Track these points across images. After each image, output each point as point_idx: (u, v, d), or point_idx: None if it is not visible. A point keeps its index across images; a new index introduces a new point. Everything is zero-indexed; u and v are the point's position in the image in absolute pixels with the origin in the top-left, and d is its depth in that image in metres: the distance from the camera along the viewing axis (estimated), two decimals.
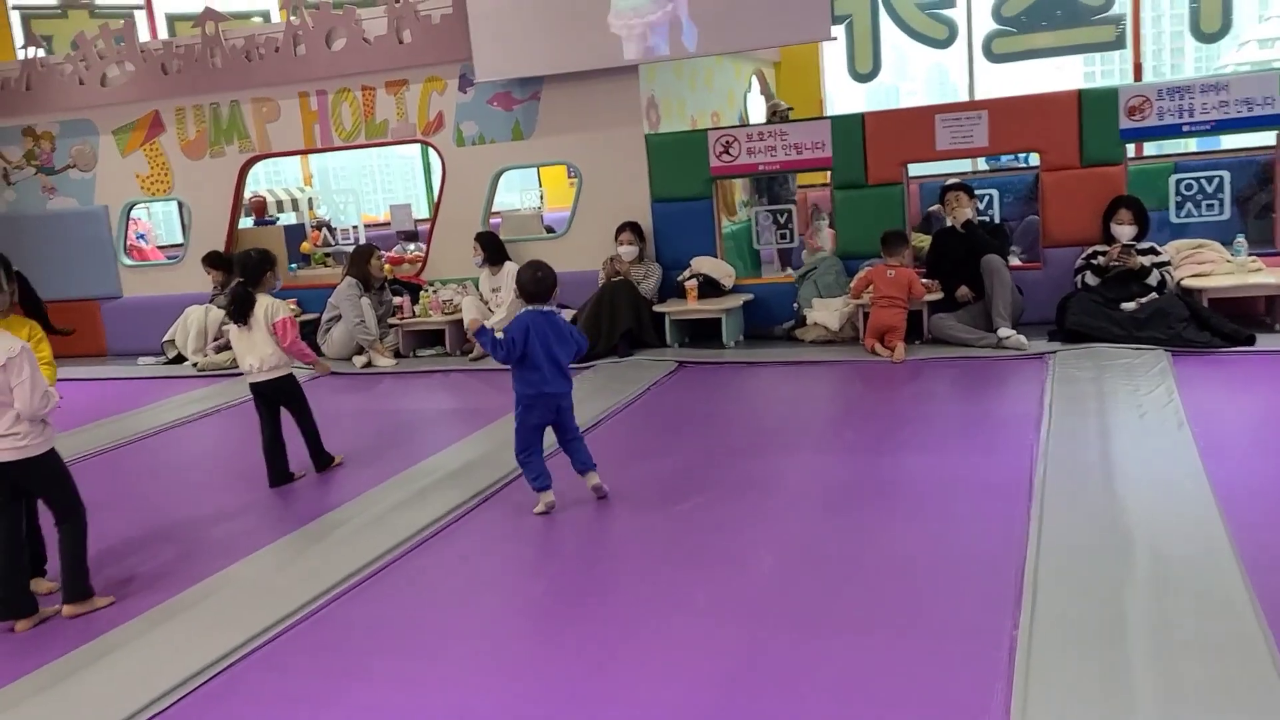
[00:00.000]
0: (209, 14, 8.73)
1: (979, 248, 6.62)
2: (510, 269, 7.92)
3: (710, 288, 7.43)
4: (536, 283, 4.28)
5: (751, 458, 4.82)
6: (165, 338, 8.80)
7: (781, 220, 7.88)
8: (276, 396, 5.08)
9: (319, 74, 8.50)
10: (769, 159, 7.44)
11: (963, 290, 6.71)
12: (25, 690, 3.10)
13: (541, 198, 12.21)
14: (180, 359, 8.65)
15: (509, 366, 4.26)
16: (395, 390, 7.19)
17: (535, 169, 12.47)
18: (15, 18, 11.10)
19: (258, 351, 4.97)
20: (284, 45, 8.50)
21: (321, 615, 3.47)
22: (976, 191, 7.38)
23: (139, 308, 9.40)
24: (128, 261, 9.69)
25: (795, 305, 7.39)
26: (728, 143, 7.51)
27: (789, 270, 8.03)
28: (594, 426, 5.51)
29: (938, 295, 6.78)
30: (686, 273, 7.53)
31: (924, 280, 6.82)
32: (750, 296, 7.53)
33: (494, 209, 8.82)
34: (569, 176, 12.13)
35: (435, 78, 8.28)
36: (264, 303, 4.96)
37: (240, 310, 4.95)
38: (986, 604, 3.07)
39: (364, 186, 15.93)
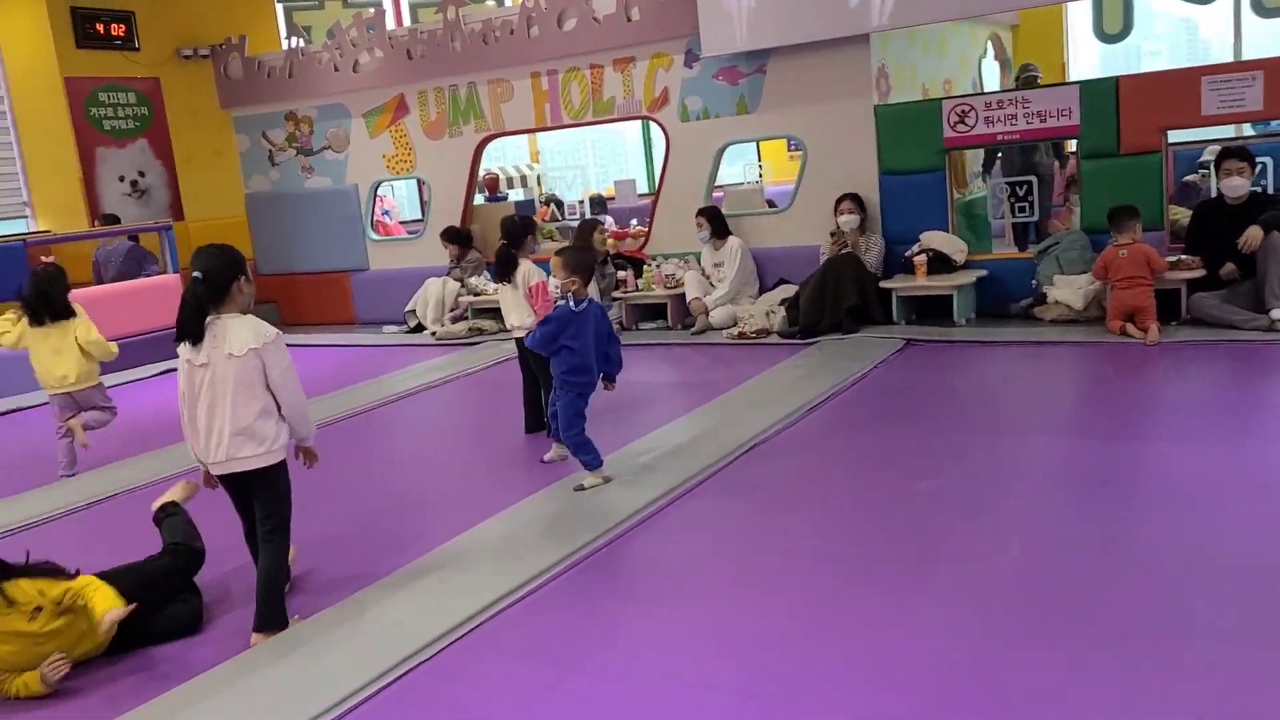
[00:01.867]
0: None
1: (1260, 221, 6.00)
2: (734, 244, 7.91)
3: (940, 263, 7.15)
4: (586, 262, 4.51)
5: (990, 441, 4.60)
6: (407, 308, 9.34)
7: (1020, 192, 7.46)
8: (529, 353, 5.31)
9: (550, 54, 8.75)
10: (1008, 128, 7.06)
11: (1229, 267, 6.14)
12: (286, 644, 3.26)
13: (761, 172, 12.13)
14: (420, 328, 9.17)
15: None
16: None
17: (754, 143, 12.42)
18: (279, 10, 12.01)
19: (517, 310, 5.29)
20: (519, 28, 8.79)
21: (565, 577, 3.60)
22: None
23: (383, 279, 10.02)
24: (374, 236, 10.34)
25: (1034, 282, 6.99)
26: (963, 112, 7.18)
27: (1031, 245, 7.61)
28: (818, 405, 5.43)
29: (1199, 273, 6.24)
30: (915, 248, 7.28)
31: (1183, 256, 6.30)
32: (984, 273, 7.19)
33: (716, 184, 8.82)
34: (789, 149, 12.00)
35: (662, 54, 8.34)
36: (525, 266, 5.25)
37: (503, 269, 5.30)
38: None
39: (586, 162, 16.30)
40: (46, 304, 5.35)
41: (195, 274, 3.19)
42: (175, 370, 3.37)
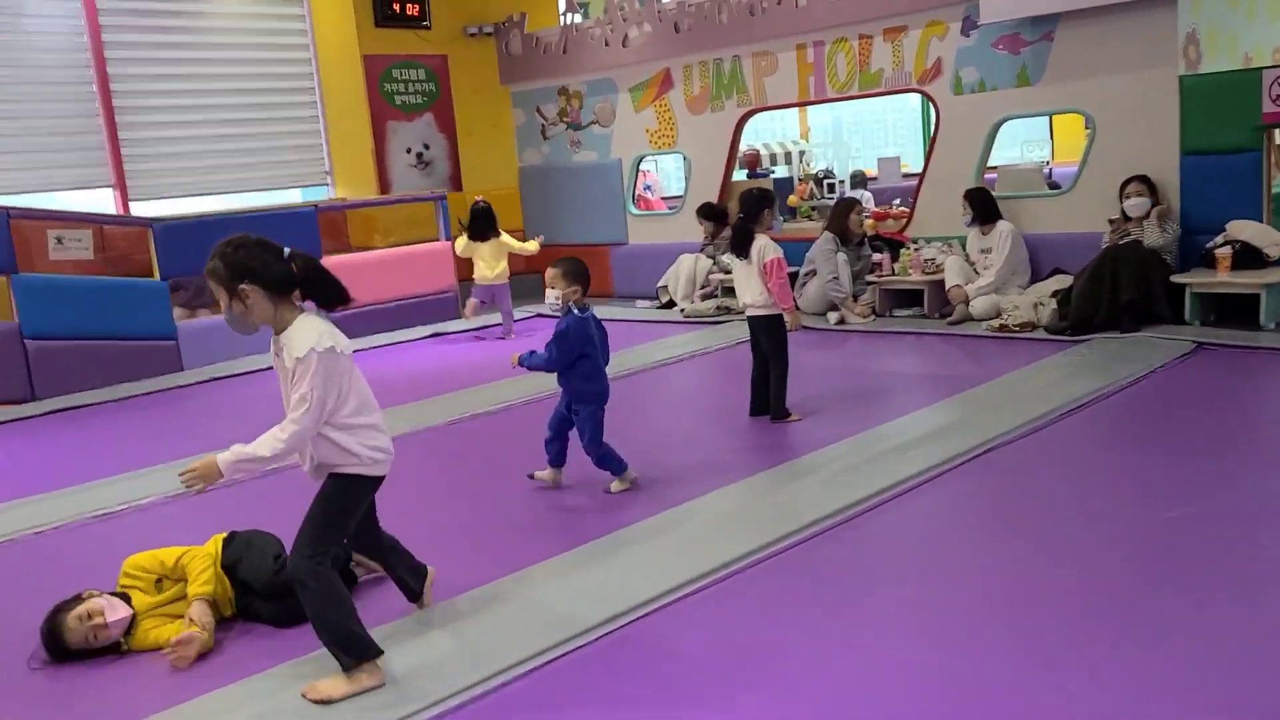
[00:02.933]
0: None
1: None
2: (1003, 229, 7.28)
3: (1249, 258, 6.20)
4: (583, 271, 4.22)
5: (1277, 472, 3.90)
6: (660, 283, 9.35)
7: None
8: (760, 333, 5.20)
9: (818, 24, 8.39)
10: None
11: None
12: (545, 572, 3.44)
13: (1053, 151, 11.17)
14: (671, 304, 9.15)
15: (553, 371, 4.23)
16: (865, 349, 6.95)
17: (1047, 119, 11.43)
18: None
19: (751, 288, 5.12)
20: None
21: (789, 553, 3.45)
22: None
23: (641, 254, 10.09)
24: (634, 211, 10.43)
25: None
26: None
27: None
28: (1076, 409, 4.84)
29: None
30: (1220, 238, 6.36)
31: None
32: None
33: (990, 163, 8.15)
34: (1086, 126, 10.93)
35: (937, 22, 7.78)
36: (760, 241, 5.07)
37: (739, 245, 5.14)
38: None
39: (862, 139, 15.69)
40: (484, 225, 8.27)
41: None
42: (440, 334, 3.46)
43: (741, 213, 5.21)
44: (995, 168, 8.76)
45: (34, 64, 8.45)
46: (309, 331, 2.67)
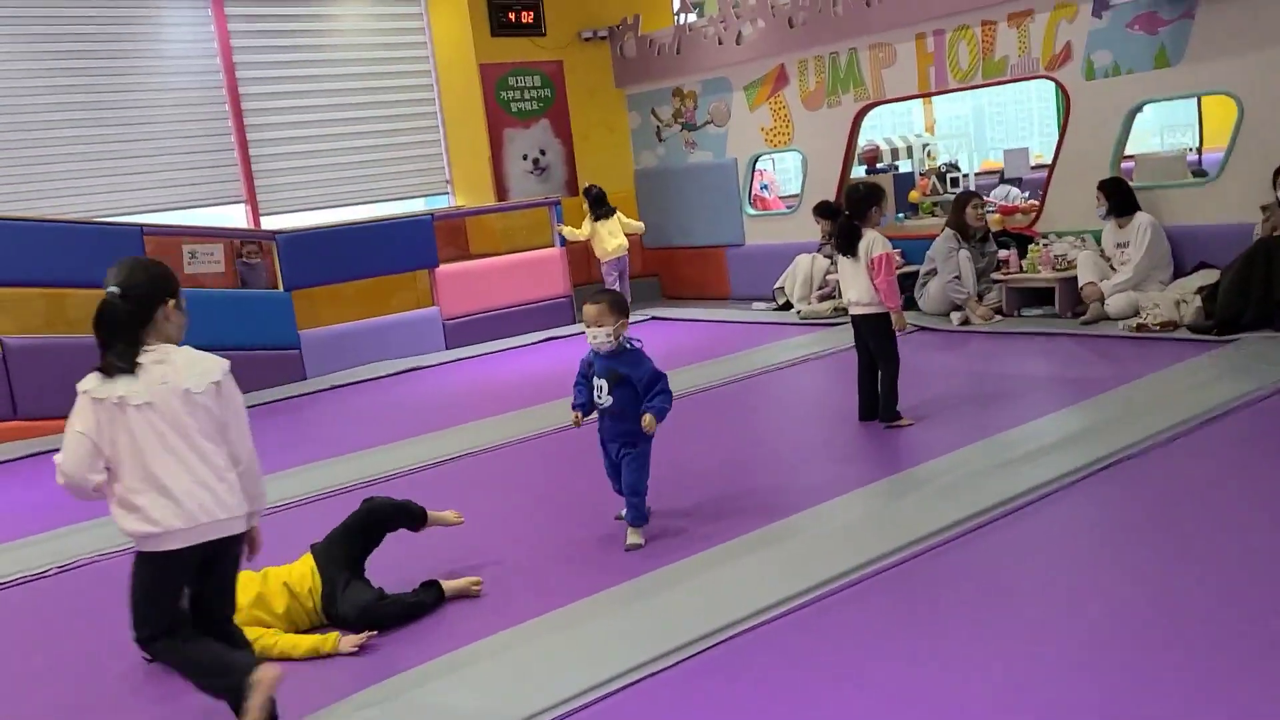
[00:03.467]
0: None
1: None
2: (1142, 221, 6.83)
3: None
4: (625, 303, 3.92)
5: None
6: (776, 284, 9.16)
7: None
8: (867, 333, 5.02)
9: (938, 12, 8.07)
10: None
11: None
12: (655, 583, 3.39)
13: (1201, 137, 10.48)
14: (788, 305, 8.95)
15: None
16: (990, 351, 6.62)
17: (1195, 102, 10.74)
18: None
19: (857, 286, 4.95)
20: None
21: (904, 567, 3.30)
22: None
23: (758, 255, 9.92)
24: (750, 211, 10.25)
25: None
26: None
27: None
28: (1219, 416, 4.46)
29: None
30: None
31: None
32: None
33: (1127, 152, 7.67)
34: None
35: (1065, 4, 7.36)
36: (869, 236, 4.90)
37: (845, 242, 4.97)
38: None
39: (1012, 131, 15.11)
40: (603, 204, 9.31)
41: (111, 288, 2.55)
42: (552, 338, 3.45)
43: (847, 210, 5.04)
44: (1133, 156, 8.25)
45: (170, 87, 8.88)
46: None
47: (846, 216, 5.01)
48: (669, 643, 2.89)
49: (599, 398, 3.84)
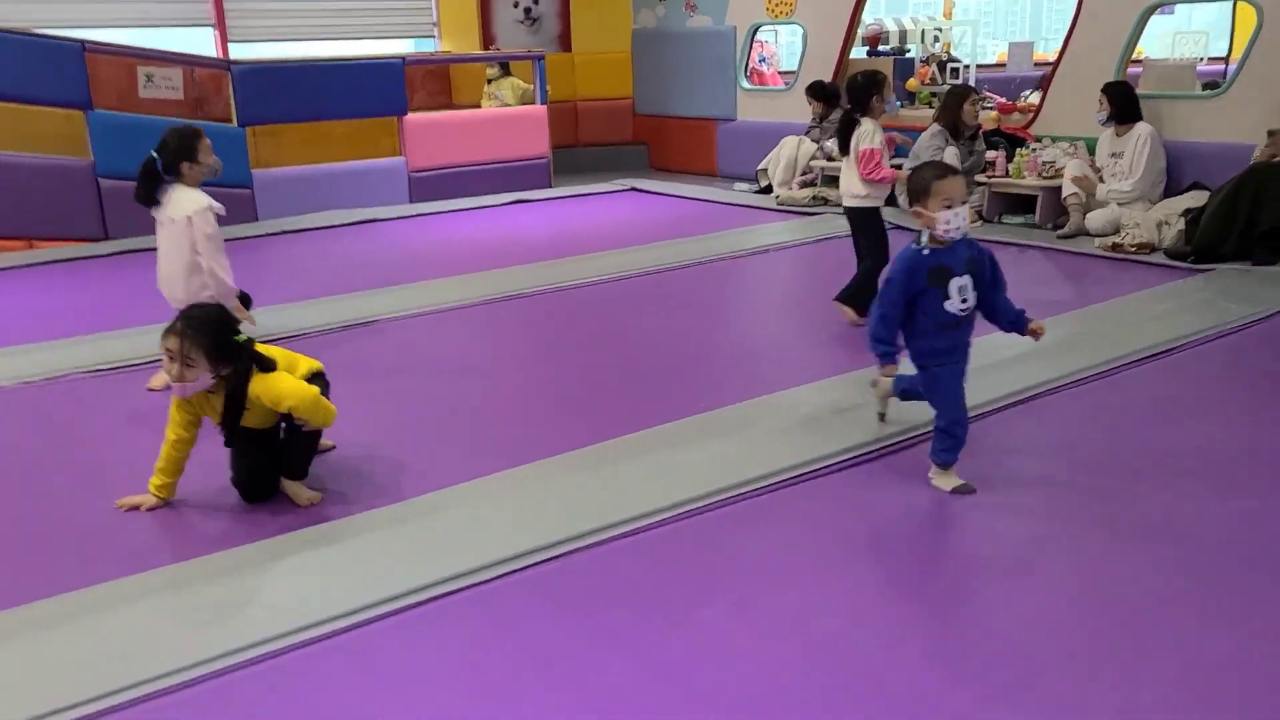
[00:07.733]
0: None
1: None
2: (1141, 132, 6.44)
3: None
4: None
5: None
6: (760, 165, 8.79)
7: None
8: (857, 228, 4.83)
9: None
10: None
11: None
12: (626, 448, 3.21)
13: (1231, 47, 9.90)
14: (769, 189, 8.60)
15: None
16: None
17: (1231, 7, 10.13)
18: None
19: (848, 175, 4.74)
20: None
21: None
22: None
23: (749, 132, 9.50)
24: (746, 85, 9.78)
25: None
26: None
27: None
28: (1167, 353, 4.24)
29: None
30: None
31: None
32: None
33: (1135, 56, 7.20)
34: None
35: None
36: (863, 126, 4.62)
37: (844, 138, 4.68)
38: None
39: (1038, 22, 14.31)
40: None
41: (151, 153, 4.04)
42: (520, 201, 3.26)
43: (849, 102, 4.72)
44: (1139, 61, 7.77)
45: None
46: None
47: (847, 112, 4.71)
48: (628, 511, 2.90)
49: (959, 307, 2.93)
